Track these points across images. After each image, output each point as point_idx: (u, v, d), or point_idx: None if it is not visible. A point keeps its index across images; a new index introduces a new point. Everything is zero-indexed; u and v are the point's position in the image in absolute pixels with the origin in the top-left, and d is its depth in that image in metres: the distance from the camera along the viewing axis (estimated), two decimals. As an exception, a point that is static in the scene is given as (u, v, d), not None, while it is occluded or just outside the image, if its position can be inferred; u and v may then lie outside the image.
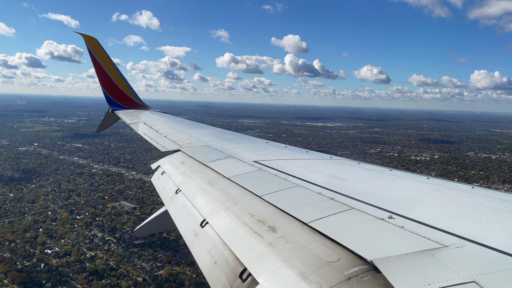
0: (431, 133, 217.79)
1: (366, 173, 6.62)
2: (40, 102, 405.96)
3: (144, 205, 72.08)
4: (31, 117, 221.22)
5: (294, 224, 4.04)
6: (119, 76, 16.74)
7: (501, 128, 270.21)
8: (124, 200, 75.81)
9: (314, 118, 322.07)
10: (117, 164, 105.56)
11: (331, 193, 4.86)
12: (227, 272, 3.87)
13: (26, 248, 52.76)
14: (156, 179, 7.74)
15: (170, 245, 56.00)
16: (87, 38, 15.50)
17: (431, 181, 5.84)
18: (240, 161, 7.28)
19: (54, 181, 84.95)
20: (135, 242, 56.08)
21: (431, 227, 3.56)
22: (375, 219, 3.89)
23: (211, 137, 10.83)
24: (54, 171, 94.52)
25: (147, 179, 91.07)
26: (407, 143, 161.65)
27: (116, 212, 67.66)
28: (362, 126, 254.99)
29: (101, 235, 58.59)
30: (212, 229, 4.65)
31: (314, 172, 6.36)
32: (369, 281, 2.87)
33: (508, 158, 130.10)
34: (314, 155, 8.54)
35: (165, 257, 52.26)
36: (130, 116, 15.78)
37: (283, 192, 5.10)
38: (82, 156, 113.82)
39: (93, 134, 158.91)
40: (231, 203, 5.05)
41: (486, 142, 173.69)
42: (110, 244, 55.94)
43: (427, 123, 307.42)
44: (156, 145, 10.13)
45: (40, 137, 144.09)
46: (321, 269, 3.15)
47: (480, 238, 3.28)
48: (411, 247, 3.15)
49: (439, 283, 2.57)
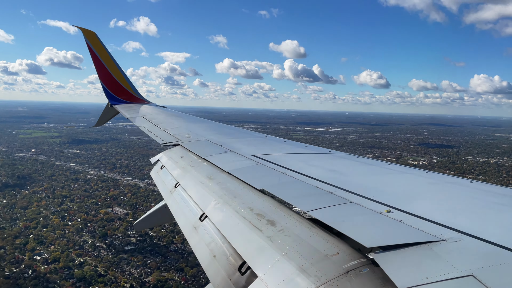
0: (431, 137, 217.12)
1: (365, 168, 6.61)
2: (41, 109, 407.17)
3: (137, 211, 71.74)
4: (31, 123, 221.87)
5: (293, 218, 4.06)
6: (118, 70, 16.62)
7: (501, 132, 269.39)
8: (117, 206, 75.58)
9: (314, 123, 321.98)
10: (113, 170, 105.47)
11: (330, 187, 4.86)
12: (226, 265, 3.87)
13: (15, 255, 52.54)
14: (155, 173, 7.72)
15: (160, 251, 55.64)
16: (85, 32, 15.48)
17: (430, 175, 5.85)
18: (239, 155, 7.26)
19: (49, 187, 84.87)
20: (125, 248, 55.81)
21: (429, 221, 3.57)
22: (373, 213, 3.88)
23: (210, 132, 10.77)
24: (49, 177, 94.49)
25: (142, 185, 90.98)
26: (405, 148, 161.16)
27: (108, 218, 67.41)
28: (362, 131, 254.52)
29: (91, 241, 58.30)
30: (211, 222, 4.64)
31: (313, 166, 6.35)
32: (367, 274, 2.87)
33: (507, 162, 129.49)
34: (313, 149, 8.52)
35: (155, 263, 51.89)
36: (129, 110, 15.68)
37: (282, 186, 5.11)
38: (79, 162, 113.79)
39: (91, 140, 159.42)
40: (230, 197, 5.05)
41: (485, 146, 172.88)
42: (100, 250, 55.62)
43: (427, 128, 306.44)
44: (155, 138, 10.11)
45: (38, 143, 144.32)
46: (320, 262, 3.16)
47: (478, 232, 3.28)
48: (409, 240, 3.15)
49: (437, 277, 2.56)
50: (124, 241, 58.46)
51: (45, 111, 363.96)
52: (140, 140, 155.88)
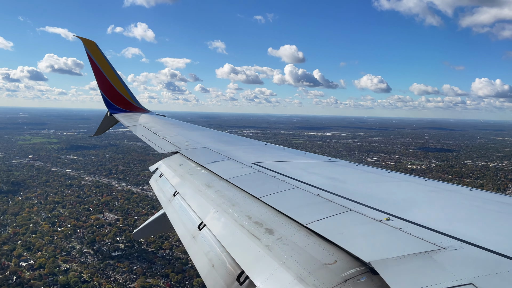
0: (431, 141, 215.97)
1: (364, 175, 6.65)
2: (42, 115, 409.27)
3: (128, 217, 71.52)
4: (31, 130, 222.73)
5: (291, 226, 4.05)
6: (117, 79, 16.76)
7: (503, 136, 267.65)
8: (109, 211, 75.29)
9: (314, 127, 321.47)
10: (109, 176, 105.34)
11: (329, 195, 4.87)
12: (224, 275, 3.87)
13: (2, 261, 52.23)
14: (154, 181, 7.74)
15: (147, 257, 55.22)
16: (86, 41, 15.63)
17: (429, 183, 5.86)
18: (239, 163, 7.29)
19: (42, 193, 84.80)
20: (112, 254, 55.38)
21: (429, 229, 3.56)
22: (373, 221, 3.88)
23: (209, 139, 10.86)
24: (43, 183, 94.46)
25: (135, 190, 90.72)
26: (405, 152, 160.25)
27: (99, 224, 67.10)
28: (362, 135, 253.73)
29: (79, 247, 57.97)
30: (209, 231, 4.65)
31: (313, 174, 6.39)
32: (366, 283, 2.86)
33: (506, 166, 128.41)
34: (312, 157, 8.55)
35: (141, 269, 51.41)
36: (128, 119, 15.79)
37: (282, 194, 5.11)
38: (75, 168, 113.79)
39: (90, 145, 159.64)
40: (229, 205, 5.06)
41: (485, 150, 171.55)
42: (87, 256, 55.26)
43: (428, 132, 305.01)
44: (154, 147, 10.16)
45: (36, 150, 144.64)
46: (318, 271, 3.16)
47: (477, 240, 3.26)
48: (408, 249, 3.15)
49: (436, 285, 2.56)
50: (112, 247, 58.04)
51: (47, 117, 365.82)
52: (138, 146, 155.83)
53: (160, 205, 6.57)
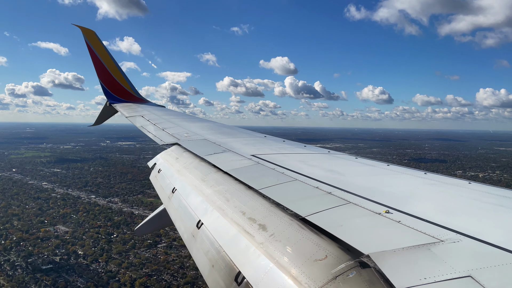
0: (429, 152, 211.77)
1: (364, 168, 6.61)
2: (48, 130, 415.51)
3: (79, 229, 70.50)
4: (30, 144, 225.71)
5: (283, 220, 4.05)
6: (117, 69, 16.55)
7: (506, 147, 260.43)
8: (62, 224, 74.40)
9: (315, 139, 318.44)
10: (82, 188, 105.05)
11: (328, 187, 4.84)
12: (223, 275, 3.87)
13: None
14: (154, 177, 7.65)
15: (78, 270, 53.85)
16: (84, 30, 15.47)
17: (428, 176, 5.84)
18: (238, 154, 7.24)
19: (4, 206, 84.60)
20: (43, 267, 54.14)
21: (428, 222, 3.55)
22: (372, 214, 3.88)
23: (209, 131, 10.77)
24: (12, 196, 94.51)
25: (101, 203, 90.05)
26: (396, 163, 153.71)
27: (45, 237, 66.31)
28: (361, 146, 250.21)
29: (13, 260, 56.94)
30: (207, 230, 4.62)
31: (312, 166, 6.34)
32: (354, 278, 2.88)
33: (496, 176, 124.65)
34: (312, 149, 8.45)
35: (64, 282, 50.05)
36: (127, 109, 15.69)
37: (281, 186, 5.07)
38: (52, 181, 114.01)
39: (79, 159, 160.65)
40: (224, 201, 5.02)
41: (482, 160, 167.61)
42: (16, 269, 54.16)
43: (431, 143, 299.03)
44: (153, 138, 10.13)
45: (23, 163, 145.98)
46: (310, 268, 3.16)
47: (476, 233, 3.26)
48: (407, 241, 3.14)
49: (435, 277, 2.59)
50: (46, 260, 56.92)
51: (51, 132, 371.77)
52: (128, 159, 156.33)
53: (160, 202, 6.55)
